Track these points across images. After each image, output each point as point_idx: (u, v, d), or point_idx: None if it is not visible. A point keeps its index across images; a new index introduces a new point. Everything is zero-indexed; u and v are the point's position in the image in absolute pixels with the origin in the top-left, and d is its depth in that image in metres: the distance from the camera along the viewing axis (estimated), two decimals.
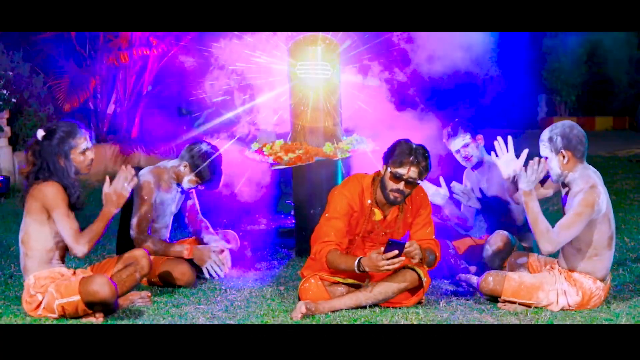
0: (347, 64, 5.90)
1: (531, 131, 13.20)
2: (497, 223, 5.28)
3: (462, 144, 5.27)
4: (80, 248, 4.15)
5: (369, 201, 4.46)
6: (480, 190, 5.37)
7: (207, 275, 5.06)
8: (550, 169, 4.30)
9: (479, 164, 5.38)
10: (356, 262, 4.19)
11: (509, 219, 5.27)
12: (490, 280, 4.43)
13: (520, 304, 4.36)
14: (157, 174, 5.08)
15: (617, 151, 13.13)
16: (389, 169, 4.36)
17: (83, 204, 4.28)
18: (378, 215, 4.49)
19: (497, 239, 4.93)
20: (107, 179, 4.27)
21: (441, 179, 5.28)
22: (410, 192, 4.41)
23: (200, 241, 5.33)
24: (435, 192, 5.23)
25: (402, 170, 4.31)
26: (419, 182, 4.38)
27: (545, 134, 4.31)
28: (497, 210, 5.30)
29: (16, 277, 5.04)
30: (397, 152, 4.33)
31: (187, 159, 5.07)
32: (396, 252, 4.07)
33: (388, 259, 4.06)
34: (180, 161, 5.10)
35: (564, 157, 4.25)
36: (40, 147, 4.23)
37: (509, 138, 4.53)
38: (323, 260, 4.33)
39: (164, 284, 4.95)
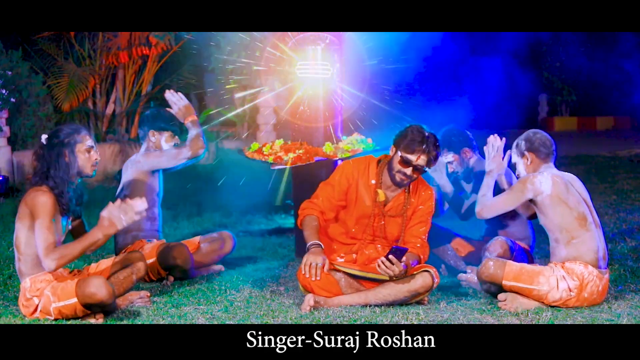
0: (348, 62, 5.89)
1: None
2: (496, 222, 5.24)
3: (446, 162, 5.38)
4: (48, 262, 4.03)
5: (373, 181, 4.55)
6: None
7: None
8: (519, 173, 4.62)
9: (467, 174, 5.41)
10: (309, 243, 4.40)
11: (510, 219, 5.24)
12: (490, 264, 4.44)
13: (521, 289, 4.37)
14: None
15: (618, 151, 13.11)
16: (399, 153, 4.45)
17: (70, 210, 4.18)
18: (381, 195, 4.55)
19: (497, 246, 4.92)
20: (110, 203, 4.12)
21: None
22: (416, 177, 4.51)
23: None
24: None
25: (412, 157, 4.41)
26: (427, 169, 4.49)
27: (514, 142, 4.63)
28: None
29: (15, 277, 5.02)
30: (410, 138, 4.42)
31: (148, 130, 5.24)
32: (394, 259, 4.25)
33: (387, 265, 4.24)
34: (146, 139, 5.28)
35: (527, 159, 4.56)
36: (43, 149, 4.19)
37: (503, 139, 4.83)
38: (301, 218, 4.55)
39: (162, 267, 5.02)
